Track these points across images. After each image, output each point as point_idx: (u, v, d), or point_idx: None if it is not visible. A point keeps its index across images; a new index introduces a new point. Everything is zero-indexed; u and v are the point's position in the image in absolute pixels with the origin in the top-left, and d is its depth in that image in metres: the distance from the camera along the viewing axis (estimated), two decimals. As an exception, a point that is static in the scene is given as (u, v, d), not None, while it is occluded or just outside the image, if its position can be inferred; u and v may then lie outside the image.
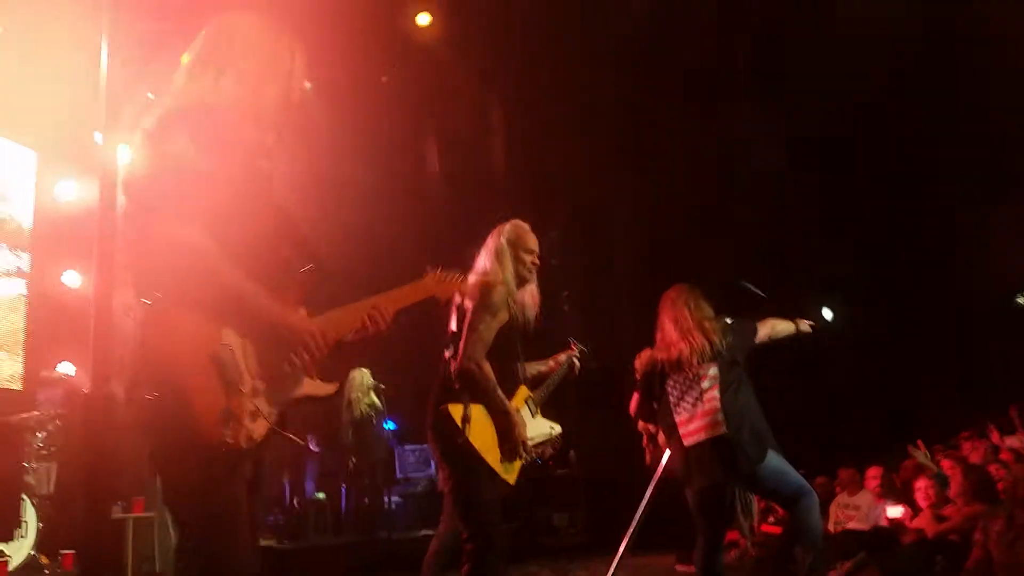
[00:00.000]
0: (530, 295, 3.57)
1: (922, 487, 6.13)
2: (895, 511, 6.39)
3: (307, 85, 2.36)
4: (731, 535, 8.71)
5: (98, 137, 7.80)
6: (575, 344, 4.11)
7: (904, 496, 6.63)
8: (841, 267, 10.78)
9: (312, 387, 2.11)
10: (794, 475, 4.09)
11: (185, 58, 2.10)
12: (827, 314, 11.32)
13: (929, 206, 10.59)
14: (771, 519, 7.74)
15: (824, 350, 10.56)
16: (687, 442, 4.10)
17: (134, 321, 1.88)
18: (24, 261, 6.76)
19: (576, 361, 4.02)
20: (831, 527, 6.92)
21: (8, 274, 6.67)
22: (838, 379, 10.35)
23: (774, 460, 4.06)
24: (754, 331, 4.33)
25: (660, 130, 10.13)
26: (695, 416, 4.08)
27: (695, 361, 4.15)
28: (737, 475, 4.08)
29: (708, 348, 4.13)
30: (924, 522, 5.88)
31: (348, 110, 9.29)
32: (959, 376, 10.59)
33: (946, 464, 6.32)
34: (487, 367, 3.24)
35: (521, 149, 10.51)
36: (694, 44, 9.47)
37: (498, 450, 3.24)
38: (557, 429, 3.66)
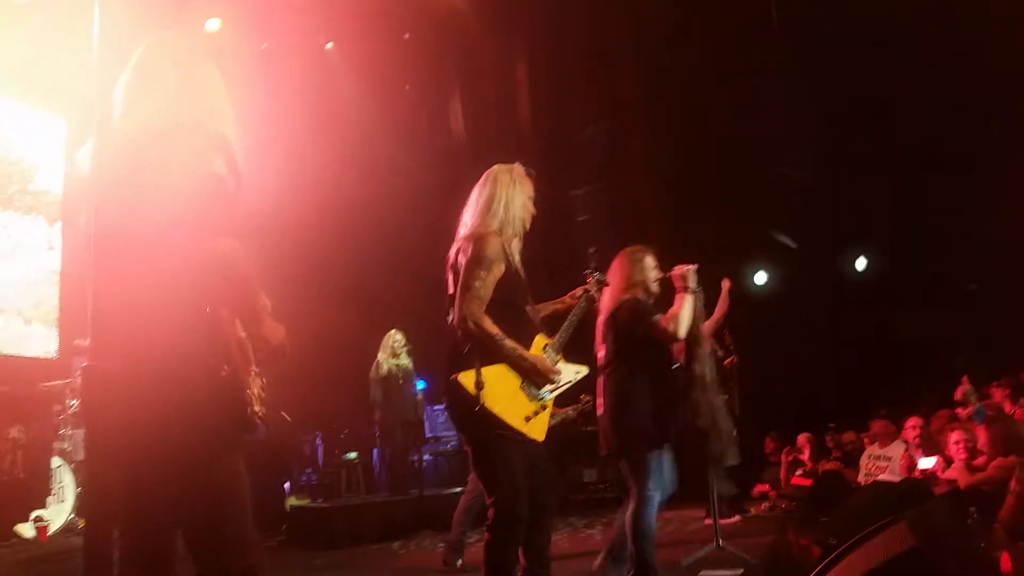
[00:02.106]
0: (515, 242, 3.29)
1: (955, 438, 6.07)
2: (927, 462, 6.34)
3: (329, 45, 2.36)
4: (761, 487, 8.77)
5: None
6: (592, 275, 3.76)
7: (937, 448, 6.58)
8: (875, 215, 10.62)
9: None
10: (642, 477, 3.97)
11: (127, 78, 2.15)
12: (860, 263, 11.22)
13: (964, 155, 10.33)
14: (799, 472, 7.75)
15: (856, 300, 10.48)
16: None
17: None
18: (57, 232, 6.84)
19: (595, 295, 3.70)
20: (861, 478, 6.91)
21: (49, 247, 6.77)
22: (867, 329, 10.25)
23: (640, 454, 3.98)
24: (651, 323, 4.02)
25: (689, 83, 9.95)
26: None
27: (601, 333, 4.07)
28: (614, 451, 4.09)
29: (612, 322, 3.97)
30: (957, 473, 5.83)
31: (370, 69, 9.24)
32: (992, 324, 10.42)
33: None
34: (487, 322, 3.03)
35: (546, 107, 10.40)
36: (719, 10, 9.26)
37: (521, 408, 3.08)
38: (584, 371, 3.41)
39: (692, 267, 4.12)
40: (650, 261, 4.27)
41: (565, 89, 10.33)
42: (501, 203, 3.22)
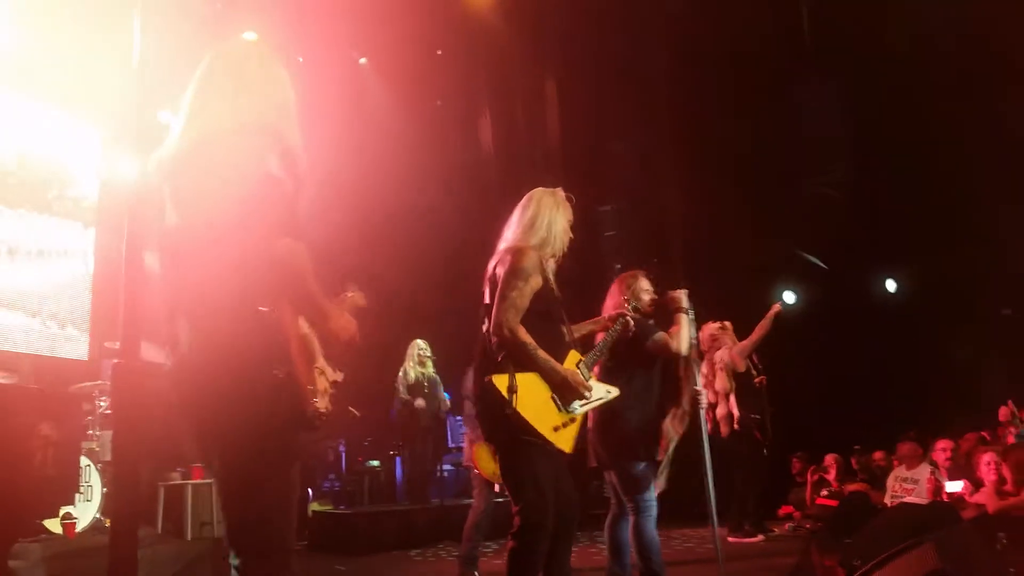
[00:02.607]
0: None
1: (986, 460, 5.98)
2: (955, 485, 6.25)
3: (362, 60, 2.41)
4: (786, 508, 8.68)
5: (162, 116, 8.03)
6: (628, 301, 3.96)
7: (965, 471, 6.48)
8: (906, 237, 10.51)
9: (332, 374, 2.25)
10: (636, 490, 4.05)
11: (191, 87, 2.21)
12: (890, 285, 11.11)
13: (999, 177, 10.21)
14: (825, 492, 7.67)
15: (885, 322, 10.36)
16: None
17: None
18: (90, 238, 6.97)
19: (629, 320, 3.82)
20: (887, 500, 6.82)
21: (85, 252, 6.90)
22: (900, 352, 10.13)
23: (626, 465, 4.06)
24: (652, 340, 4.10)
25: (718, 100, 9.94)
26: None
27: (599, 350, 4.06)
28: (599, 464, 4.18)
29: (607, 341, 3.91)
30: (986, 497, 5.74)
31: (402, 84, 9.35)
32: (1021, 350, 10.26)
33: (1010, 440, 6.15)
34: (522, 331, 3.10)
35: (575, 123, 10.44)
36: (754, 12, 9.25)
37: (550, 418, 3.12)
38: (614, 392, 3.48)
39: (684, 291, 4.24)
40: (644, 283, 4.33)
41: (594, 104, 10.36)
42: (544, 222, 3.33)
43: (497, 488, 5.37)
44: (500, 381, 3.05)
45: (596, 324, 3.82)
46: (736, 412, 7.17)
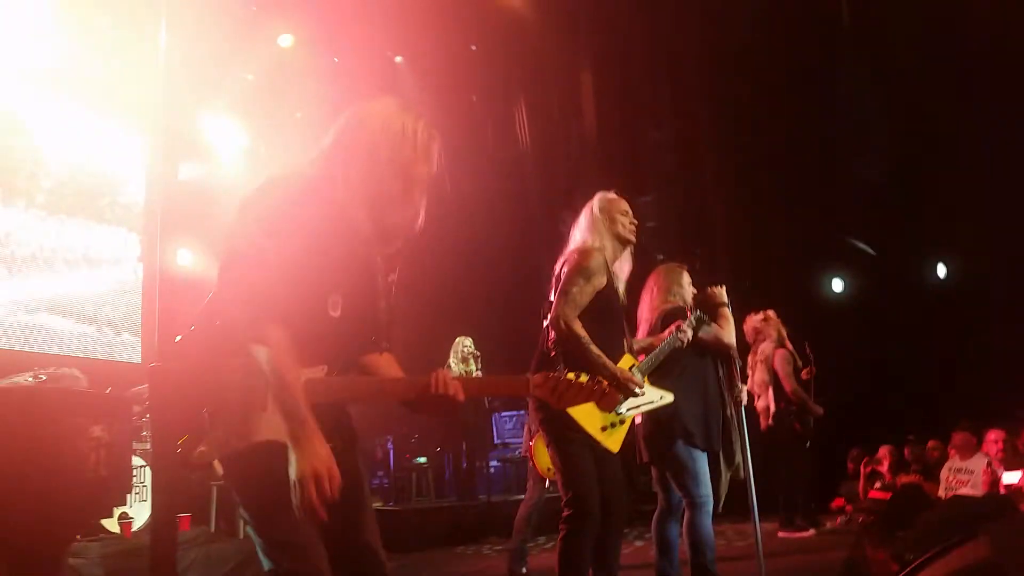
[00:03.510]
0: (624, 268, 3.54)
1: (1044, 452, 5.82)
2: (1012, 476, 6.08)
3: (398, 59, 2.33)
4: (838, 501, 8.54)
5: (205, 121, 8.18)
6: (692, 313, 3.97)
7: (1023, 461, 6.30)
8: (956, 220, 10.24)
9: None
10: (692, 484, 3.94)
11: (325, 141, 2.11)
12: (941, 270, 10.84)
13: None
14: (878, 485, 7.53)
15: (940, 309, 10.12)
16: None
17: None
18: (136, 243, 7.13)
19: (687, 332, 3.84)
20: (941, 492, 6.67)
21: (137, 259, 7.06)
22: (954, 340, 9.88)
23: (683, 456, 3.94)
24: (705, 331, 4.03)
25: (759, 84, 9.79)
26: None
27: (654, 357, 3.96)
28: (650, 458, 4.09)
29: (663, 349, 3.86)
30: (1045, 488, 5.59)
31: (438, 80, 9.38)
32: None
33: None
34: (578, 325, 3.20)
35: (613, 114, 10.37)
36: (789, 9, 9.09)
37: (598, 418, 3.23)
38: (668, 398, 3.59)
39: (722, 287, 4.28)
40: (687, 278, 4.33)
41: (632, 95, 10.28)
42: (602, 223, 3.46)
43: (548, 484, 5.41)
44: None
45: (657, 340, 3.87)
46: (773, 406, 7.06)
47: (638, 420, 4.14)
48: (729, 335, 4.15)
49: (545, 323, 3.35)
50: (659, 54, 9.87)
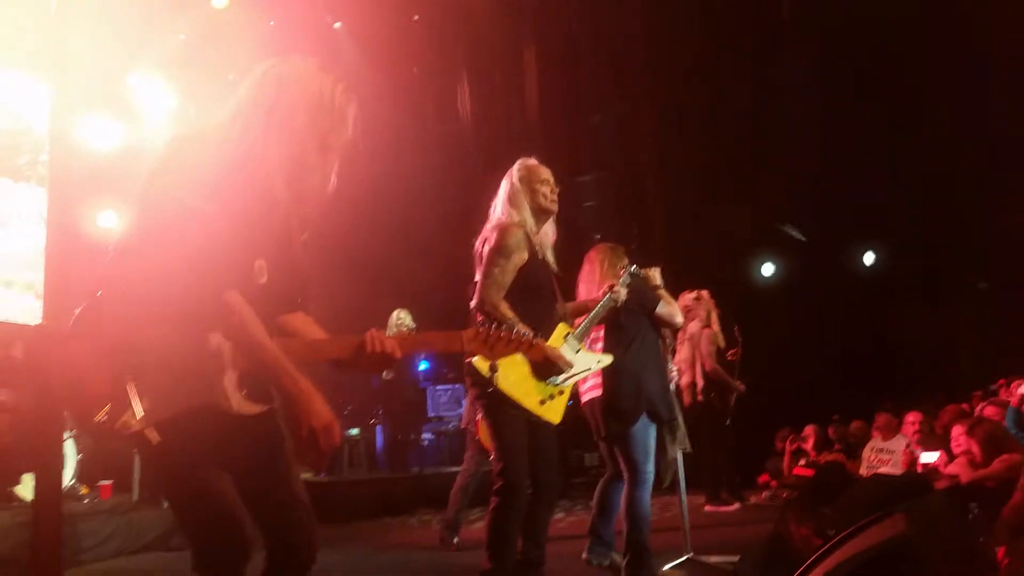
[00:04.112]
0: (548, 235, 3.48)
1: (958, 433, 6.03)
2: (930, 457, 6.31)
3: (336, 24, 2.26)
4: (763, 477, 8.77)
5: (132, 80, 7.85)
6: (624, 270, 3.96)
7: (942, 443, 6.54)
8: (885, 210, 10.55)
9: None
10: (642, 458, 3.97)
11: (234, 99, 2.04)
12: (869, 258, 11.16)
13: (978, 150, 10.24)
14: (803, 462, 7.74)
15: (867, 295, 10.43)
16: (582, 399, 4.13)
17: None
18: (43, 201, 6.82)
19: (621, 291, 3.82)
20: (863, 471, 6.90)
21: (42, 219, 6.75)
22: (879, 324, 10.21)
23: (642, 432, 3.96)
24: (653, 300, 4.10)
25: (699, 72, 9.87)
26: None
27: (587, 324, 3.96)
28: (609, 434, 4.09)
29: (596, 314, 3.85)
30: (959, 468, 5.80)
31: (378, 50, 9.18)
32: (998, 320, 10.38)
33: (988, 412, 6.21)
34: (504, 307, 3.19)
35: (554, 93, 10.34)
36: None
37: (537, 392, 3.23)
38: (606, 360, 3.63)
39: (657, 268, 4.29)
40: (624, 259, 4.30)
41: (574, 75, 10.26)
42: (521, 194, 3.39)
43: (490, 457, 5.39)
44: (480, 362, 3.16)
45: (592, 301, 3.86)
46: (700, 383, 7.21)
47: (584, 397, 4.14)
48: (675, 313, 4.18)
49: (472, 304, 3.31)
50: (603, 38, 9.87)
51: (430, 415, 9.78)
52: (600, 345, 4.04)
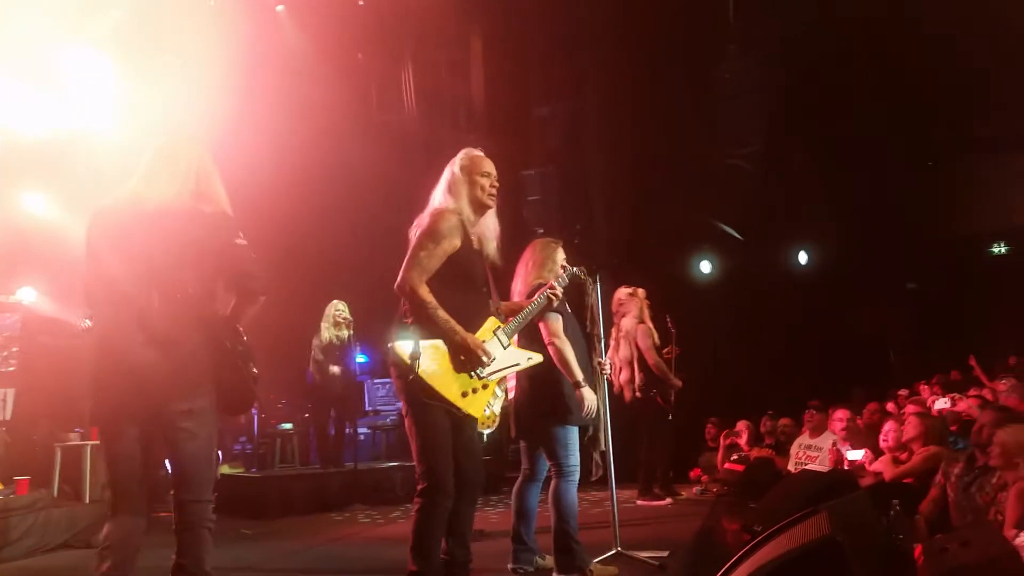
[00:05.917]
0: (490, 227, 3.43)
1: (885, 428, 6.18)
2: (856, 454, 6.44)
3: (279, 7, 2.38)
4: (695, 472, 8.89)
5: (65, 56, 7.53)
6: (565, 270, 3.98)
7: (870, 441, 6.69)
8: (819, 210, 10.79)
9: None
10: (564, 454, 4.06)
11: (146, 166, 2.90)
12: (802, 257, 11.41)
13: (910, 153, 10.54)
14: (735, 457, 7.86)
15: (800, 293, 10.66)
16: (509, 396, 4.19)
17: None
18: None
19: (554, 293, 3.79)
20: (791, 467, 7.02)
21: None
22: (811, 322, 10.44)
23: (557, 432, 4.05)
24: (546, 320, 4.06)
25: (642, 69, 9.93)
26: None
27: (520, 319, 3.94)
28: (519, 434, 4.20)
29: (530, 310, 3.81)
30: (883, 465, 5.94)
31: (322, 34, 9.01)
32: (925, 323, 10.73)
33: (908, 410, 6.38)
34: (424, 290, 3.12)
35: (501, 85, 10.29)
36: None
37: (458, 383, 3.15)
38: (537, 358, 3.53)
39: (579, 269, 4.22)
40: (561, 254, 4.33)
41: (521, 68, 10.22)
42: (460, 183, 3.34)
43: None
44: (402, 348, 3.10)
45: (528, 302, 3.79)
46: (639, 378, 7.26)
47: (511, 395, 4.15)
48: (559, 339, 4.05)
49: (395, 285, 3.22)
50: (549, 31, 9.85)
51: (367, 409, 9.66)
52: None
